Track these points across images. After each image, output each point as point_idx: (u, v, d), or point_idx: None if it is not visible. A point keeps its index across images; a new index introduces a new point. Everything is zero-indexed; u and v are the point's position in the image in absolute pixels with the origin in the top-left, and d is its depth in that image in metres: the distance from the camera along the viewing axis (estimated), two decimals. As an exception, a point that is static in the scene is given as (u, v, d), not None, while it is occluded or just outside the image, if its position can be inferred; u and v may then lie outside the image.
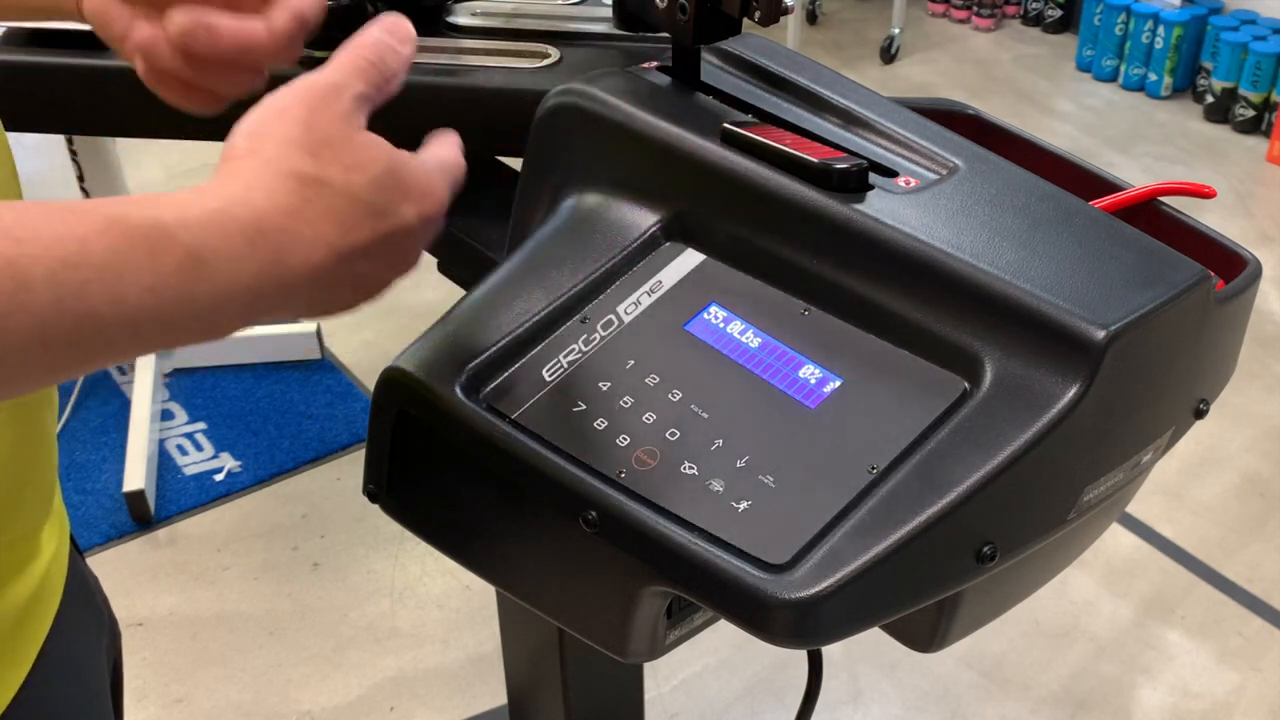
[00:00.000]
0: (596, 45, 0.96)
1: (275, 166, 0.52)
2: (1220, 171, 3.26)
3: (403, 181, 0.55)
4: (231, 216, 0.50)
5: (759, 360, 0.64)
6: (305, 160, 0.52)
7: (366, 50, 0.57)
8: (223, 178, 0.52)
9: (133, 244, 0.47)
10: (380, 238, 0.54)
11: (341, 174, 0.53)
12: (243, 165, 0.53)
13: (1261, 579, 2.04)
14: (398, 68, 0.58)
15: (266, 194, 0.51)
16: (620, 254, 0.69)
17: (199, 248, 0.49)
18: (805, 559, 0.56)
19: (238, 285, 0.50)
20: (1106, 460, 0.63)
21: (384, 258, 0.55)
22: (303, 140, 0.53)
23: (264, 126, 0.54)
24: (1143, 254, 0.65)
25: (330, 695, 1.85)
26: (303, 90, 0.55)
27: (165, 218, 0.49)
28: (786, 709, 1.83)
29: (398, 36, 0.58)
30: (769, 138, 0.68)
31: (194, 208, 0.50)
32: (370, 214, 0.54)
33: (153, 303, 0.48)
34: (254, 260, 0.50)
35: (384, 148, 0.55)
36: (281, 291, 0.52)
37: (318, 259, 0.52)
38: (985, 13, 4.07)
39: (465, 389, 0.64)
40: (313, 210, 0.52)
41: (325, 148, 0.53)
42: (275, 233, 0.51)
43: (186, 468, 2.23)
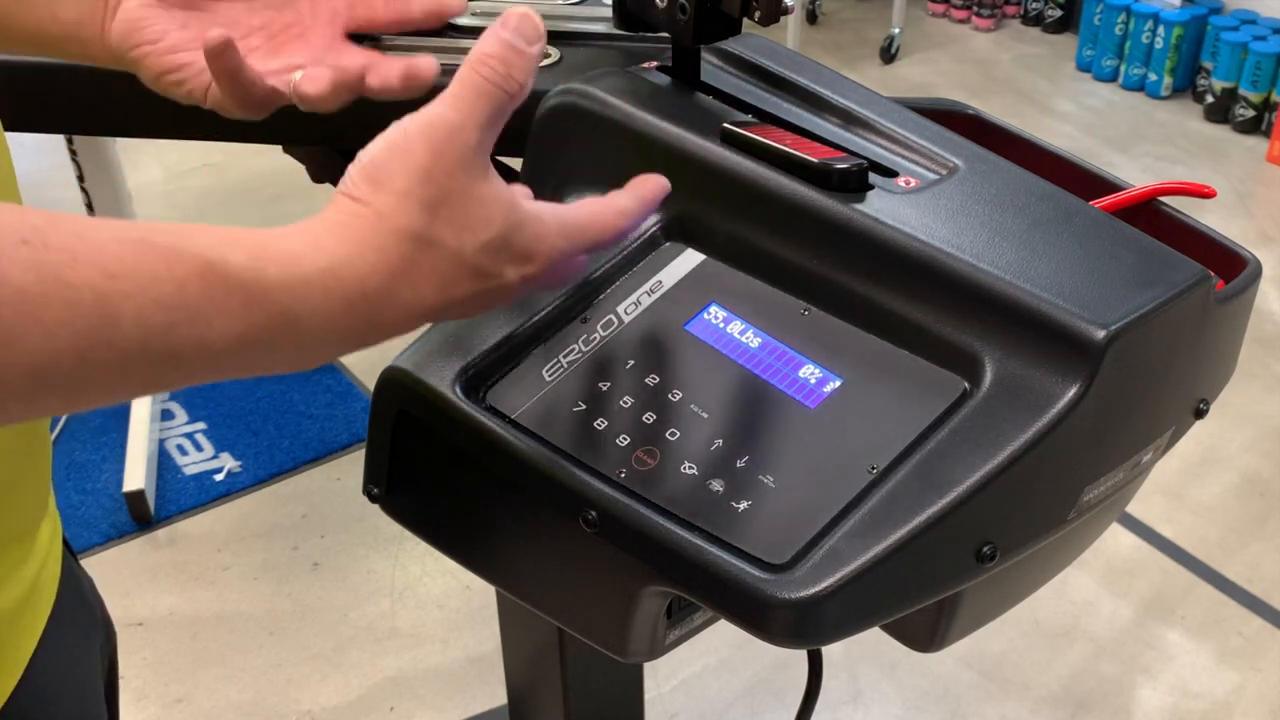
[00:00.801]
0: (596, 45, 0.96)
1: (391, 224, 0.51)
2: (1220, 171, 3.26)
3: (514, 245, 0.53)
4: (338, 280, 0.50)
5: (759, 360, 0.64)
6: (421, 219, 0.51)
7: (489, 66, 0.53)
8: (340, 225, 0.51)
9: (229, 294, 0.47)
10: (476, 294, 0.53)
11: (454, 235, 0.52)
12: (361, 216, 0.51)
13: (1261, 579, 2.04)
14: (524, 77, 0.53)
15: (379, 256, 0.50)
16: (620, 254, 0.69)
17: (296, 308, 0.49)
18: (805, 559, 0.56)
19: (327, 341, 0.51)
20: (1106, 460, 0.63)
21: (472, 306, 0.54)
22: (421, 194, 0.51)
23: (384, 171, 0.51)
24: (1143, 254, 0.65)
25: (330, 695, 1.85)
26: (425, 129, 0.52)
27: (269, 274, 0.48)
28: (786, 709, 1.83)
29: (525, 36, 0.54)
30: (769, 138, 0.68)
31: (301, 265, 0.49)
32: (473, 275, 0.53)
33: (238, 349, 0.48)
34: (347, 319, 0.50)
35: (502, 205, 0.53)
36: (367, 342, 0.52)
37: (410, 316, 0.52)
38: (985, 13, 4.07)
39: (465, 389, 0.64)
40: (418, 273, 0.51)
41: (443, 204, 0.51)
42: (377, 296, 0.51)
43: (186, 468, 2.23)
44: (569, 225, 0.56)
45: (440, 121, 0.52)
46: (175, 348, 0.46)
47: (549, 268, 0.55)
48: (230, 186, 3.03)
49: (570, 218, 0.56)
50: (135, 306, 0.45)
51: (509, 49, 0.53)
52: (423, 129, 0.52)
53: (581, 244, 0.57)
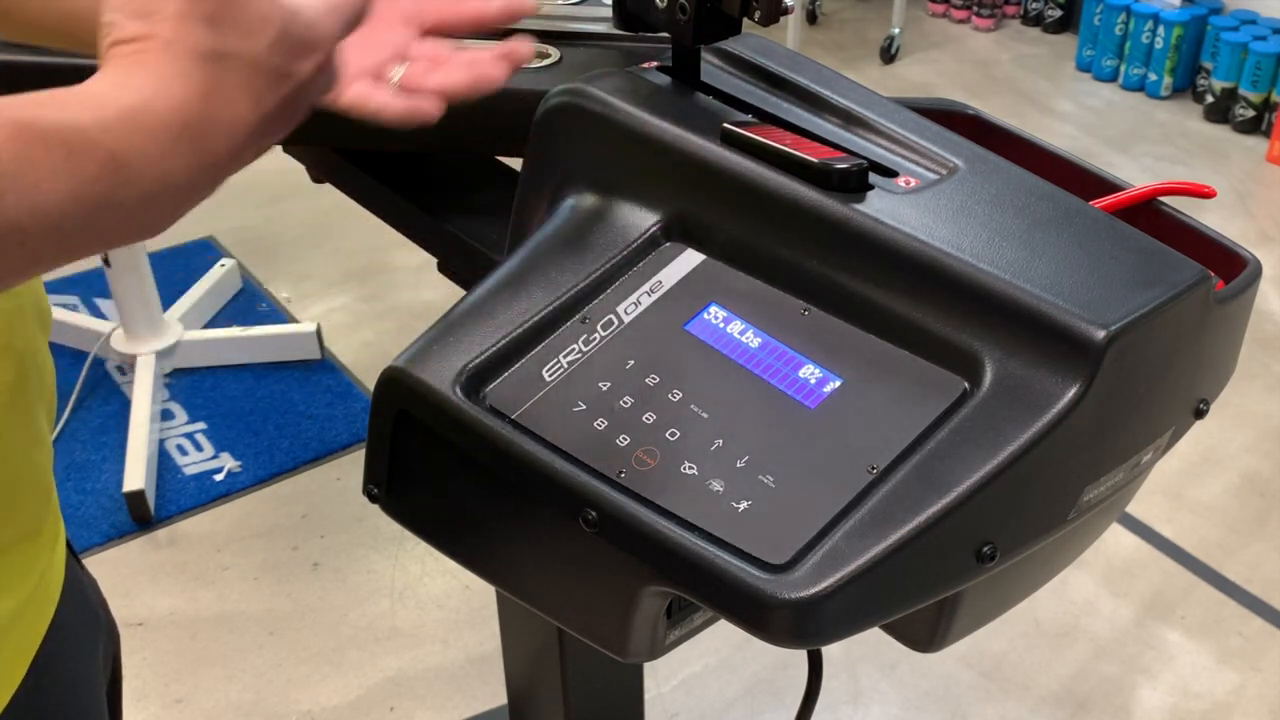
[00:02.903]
0: (596, 45, 0.96)
1: (182, 47, 0.48)
2: (1220, 171, 3.26)
3: (294, 34, 0.52)
4: (154, 114, 0.47)
5: (759, 360, 0.64)
6: (208, 35, 0.49)
7: None
8: (125, 67, 0.48)
9: (49, 150, 0.44)
10: (285, 100, 0.52)
11: (243, 42, 0.49)
12: (146, 50, 0.48)
13: (1261, 579, 2.04)
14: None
15: (183, 81, 0.48)
16: (620, 254, 0.69)
17: (122, 151, 0.46)
18: (805, 559, 0.56)
19: (165, 182, 0.48)
20: (1106, 460, 0.63)
21: (286, 116, 0.53)
22: (197, 11, 0.49)
23: (148, 2, 0.49)
24: (1143, 254, 0.65)
25: (330, 695, 1.85)
26: None
27: (82, 120, 0.46)
28: (786, 709, 1.83)
29: None
30: (769, 138, 0.68)
31: (110, 106, 0.47)
32: (274, 78, 0.51)
33: (75, 210, 0.45)
34: (178, 155, 0.48)
35: (273, 2, 0.51)
36: (209, 179, 0.50)
37: (238, 141, 0.50)
38: (985, 13, 4.07)
39: (465, 389, 0.64)
40: (225, 90, 0.49)
41: (221, 16, 0.49)
42: (198, 123, 0.48)
43: (186, 468, 2.23)
44: (333, 3, 0.54)
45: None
46: (9, 220, 0.43)
47: (330, 48, 0.54)
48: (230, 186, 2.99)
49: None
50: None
51: None
52: None
53: (345, 17, 0.55)
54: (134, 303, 2.31)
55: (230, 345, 2.45)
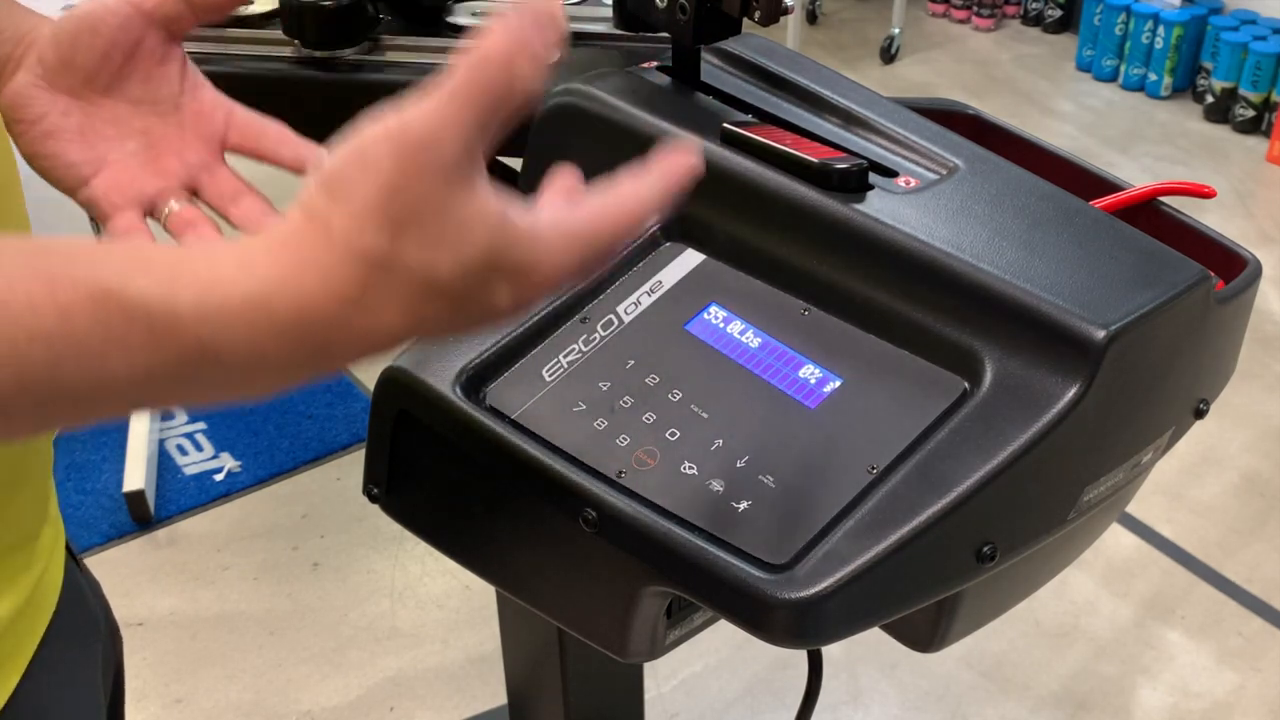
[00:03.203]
0: (596, 45, 0.96)
1: (343, 244, 0.43)
2: (1220, 171, 3.26)
3: (503, 264, 0.45)
4: (265, 309, 0.43)
5: (759, 360, 0.64)
6: (380, 238, 0.43)
7: (490, 67, 0.44)
8: (277, 245, 0.44)
9: (129, 325, 0.41)
10: (458, 317, 0.46)
11: (423, 256, 0.44)
12: (306, 235, 0.44)
13: (1261, 579, 2.04)
14: (532, 81, 0.45)
15: (320, 278, 0.43)
16: (620, 254, 0.69)
17: (215, 341, 0.43)
18: (805, 559, 0.56)
19: (263, 373, 0.44)
20: (1106, 460, 0.63)
21: (456, 328, 0.47)
22: (384, 209, 0.43)
23: (344, 182, 0.44)
24: (1143, 254, 0.65)
25: (330, 695, 1.85)
26: (396, 136, 0.44)
27: (181, 301, 0.42)
28: (786, 709, 1.83)
29: (543, 32, 0.45)
30: (769, 138, 0.68)
31: (220, 293, 0.43)
32: (450, 301, 0.45)
33: (147, 384, 0.43)
34: (284, 351, 0.44)
35: (488, 222, 0.45)
36: (322, 369, 0.46)
37: (374, 344, 0.45)
38: (985, 13, 4.07)
39: (465, 389, 0.64)
40: (375, 298, 0.44)
41: (410, 223, 0.43)
42: (320, 325, 0.44)
43: (186, 468, 2.23)
44: (575, 233, 0.48)
45: (415, 128, 0.44)
46: (66, 386, 0.41)
47: (552, 283, 0.47)
48: (230, 186, 3.02)
49: (578, 225, 0.48)
50: (5, 339, 0.39)
51: (520, 48, 0.44)
52: (393, 136, 0.44)
53: (594, 250, 0.48)
54: (134, 303, 2.31)
55: (230, 345, 2.44)
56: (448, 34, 0.98)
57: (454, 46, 0.95)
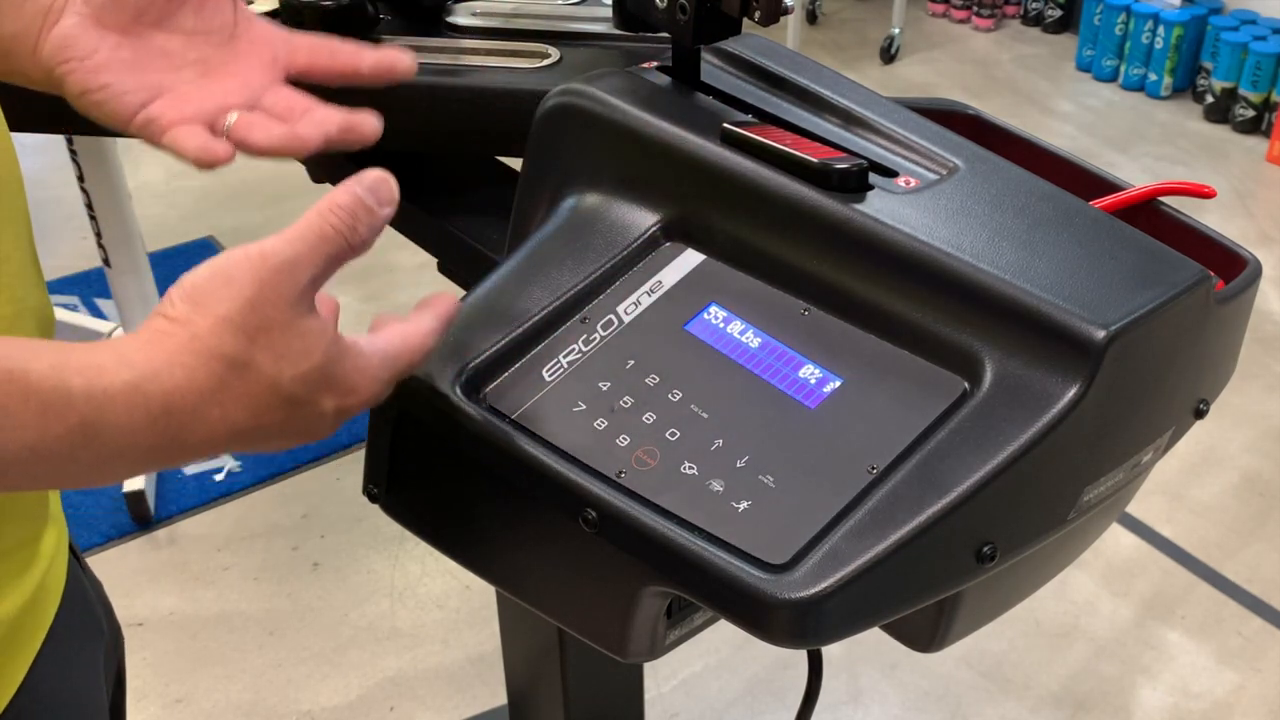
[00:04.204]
0: (596, 45, 0.96)
1: (204, 344, 0.51)
2: (1220, 171, 3.26)
3: (332, 377, 0.54)
4: (141, 394, 0.49)
5: (759, 360, 0.64)
6: (238, 343, 0.51)
7: (337, 216, 0.54)
8: (149, 342, 0.51)
9: (25, 402, 0.46)
10: (290, 421, 0.54)
11: (271, 362, 0.52)
12: (174, 335, 0.51)
13: (1261, 579, 2.04)
14: (368, 234, 0.55)
15: (186, 373, 0.50)
16: (620, 254, 0.69)
17: (96, 420, 0.48)
18: (805, 559, 0.56)
19: (128, 455, 0.50)
20: (1106, 460, 0.63)
21: (285, 435, 0.55)
22: (242, 322, 0.51)
23: (207, 295, 0.52)
24: (1143, 254, 0.65)
25: (330, 695, 1.85)
26: (257, 262, 0.52)
27: (72, 384, 0.48)
28: (786, 709, 1.83)
29: (379, 197, 0.55)
30: (769, 138, 0.68)
31: (106, 377, 0.49)
32: (287, 402, 0.53)
33: (30, 459, 0.47)
34: (151, 435, 0.50)
35: (324, 339, 0.53)
36: (172, 459, 0.52)
37: (218, 437, 0.52)
38: (985, 13, 4.07)
39: (465, 389, 0.64)
40: (229, 395, 0.51)
41: (262, 333, 0.51)
42: (182, 413, 0.50)
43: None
44: (387, 355, 0.57)
45: (273, 256, 0.52)
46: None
47: (370, 397, 0.56)
48: (230, 186, 3.03)
49: (387, 347, 0.57)
50: None
51: (359, 205, 0.54)
52: (253, 260, 0.52)
53: (398, 370, 0.58)
54: (134, 303, 2.31)
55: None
56: (448, 34, 0.98)
57: (455, 47, 0.96)
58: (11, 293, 0.63)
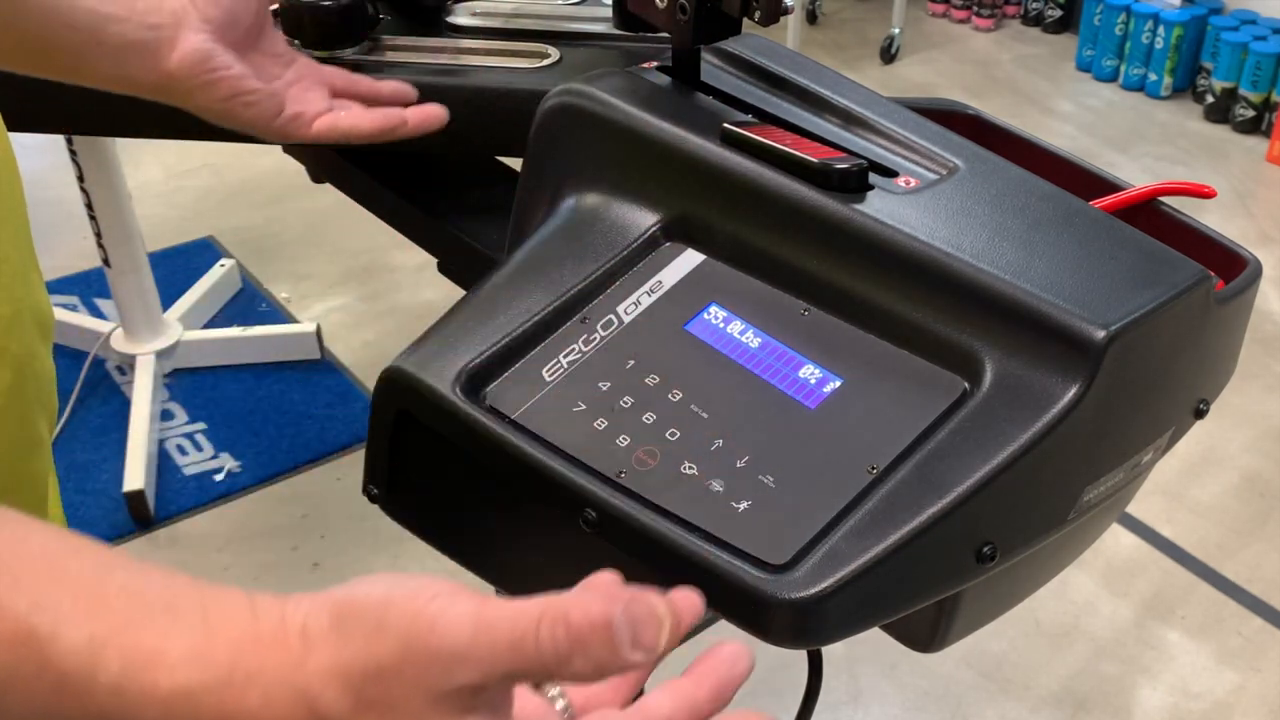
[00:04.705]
0: (596, 45, 0.96)
1: (304, 681, 0.41)
2: (1220, 171, 3.26)
3: None
4: (192, 704, 0.41)
5: (759, 360, 0.64)
6: (340, 703, 0.41)
7: (554, 632, 0.41)
8: (253, 642, 0.42)
9: (39, 675, 0.40)
10: None
11: None
12: (283, 650, 0.42)
13: (1261, 579, 2.04)
14: (587, 671, 0.41)
15: (262, 702, 0.41)
16: (620, 254, 0.69)
17: (120, 716, 0.40)
18: (805, 559, 0.56)
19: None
20: (1106, 460, 0.63)
21: None
22: (359, 684, 0.41)
23: (350, 626, 0.43)
24: (1143, 254, 0.65)
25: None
26: (420, 630, 0.42)
27: (101, 672, 0.40)
28: (786, 709, 1.83)
29: (636, 636, 0.41)
30: (769, 138, 0.68)
31: (148, 677, 0.40)
32: None
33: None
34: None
35: None
36: None
37: None
38: (985, 13, 4.07)
39: (465, 389, 0.64)
40: None
41: (373, 708, 0.41)
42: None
43: (186, 468, 2.23)
44: None
45: (441, 635, 0.42)
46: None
47: None
48: (230, 186, 3.02)
49: None
50: None
51: (598, 632, 0.41)
52: (418, 625, 0.42)
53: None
54: (134, 303, 2.31)
55: (230, 345, 2.45)
56: (448, 34, 0.98)
57: (455, 47, 0.96)
58: (10, 292, 0.63)
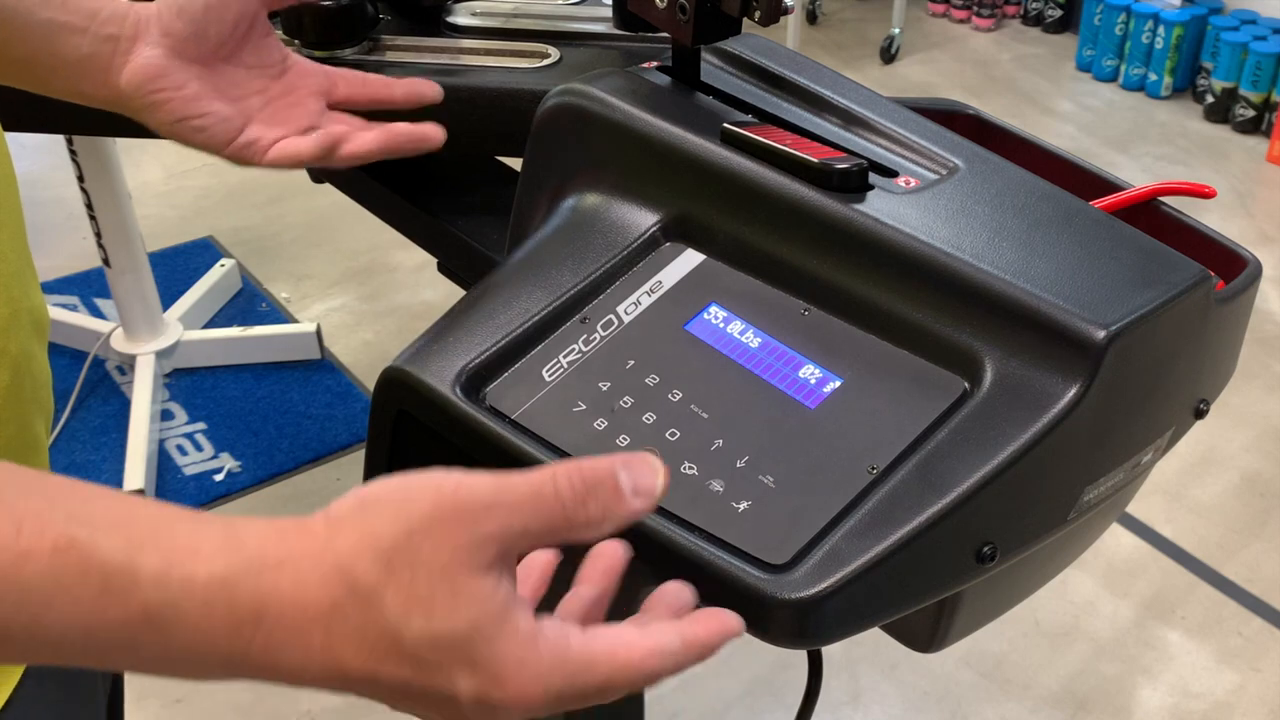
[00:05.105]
0: (596, 45, 0.96)
1: (335, 557, 0.43)
2: (1220, 171, 3.26)
3: (476, 654, 0.43)
4: (229, 590, 0.42)
5: (759, 360, 0.64)
6: (372, 570, 0.43)
7: (570, 481, 0.45)
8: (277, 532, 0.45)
9: (83, 579, 0.41)
10: (411, 689, 0.45)
11: (399, 605, 0.43)
12: (310, 536, 0.44)
13: (1261, 579, 2.04)
14: (600, 518, 0.45)
15: (294, 581, 0.43)
16: (620, 254, 0.69)
17: (163, 611, 0.42)
18: (805, 559, 0.56)
19: (203, 659, 0.43)
20: (1106, 460, 0.63)
21: (403, 700, 0.46)
22: (388, 547, 0.43)
23: (376, 506, 0.45)
24: (1143, 254, 0.65)
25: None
26: (445, 491, 0.44)
27: (143, 566, 0.42)
28: (786, 709, 1.83)
29: (636, 483, 0.45)
30: (769, 138, 0.68)
31: (187, 567, 0.42)
32: (409, 661, 0.44)
33: (82, 642, 0.42)
34: (230, 641, 0.43)
35: (482, 605, 0.43)
36: (259, 677, 0.45)
37: (318, 670, 0.45)
38: (985, 13, 4.07)
39: (465, 389, 0.64)
40: (339, 623, 0.43)
41: (406, 569, 0.43)
42: (276, 627, 0.43)
43: (186, 468, 2.23)
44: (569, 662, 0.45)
45: (465, 492, 0.44)
46: None
47: (521, 701, 0.44)
48: (230, 186, 3.02)
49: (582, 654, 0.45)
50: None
51: (606, 480, 0.45)
52: (442, 489, 0.45)
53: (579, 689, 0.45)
54: (134, 303, 2.31)
55: (230, 345, 2.45)
56: (448, 34, 0.98)
57: (455, 47, 0.96)
58: (8, 293, 0.63)
